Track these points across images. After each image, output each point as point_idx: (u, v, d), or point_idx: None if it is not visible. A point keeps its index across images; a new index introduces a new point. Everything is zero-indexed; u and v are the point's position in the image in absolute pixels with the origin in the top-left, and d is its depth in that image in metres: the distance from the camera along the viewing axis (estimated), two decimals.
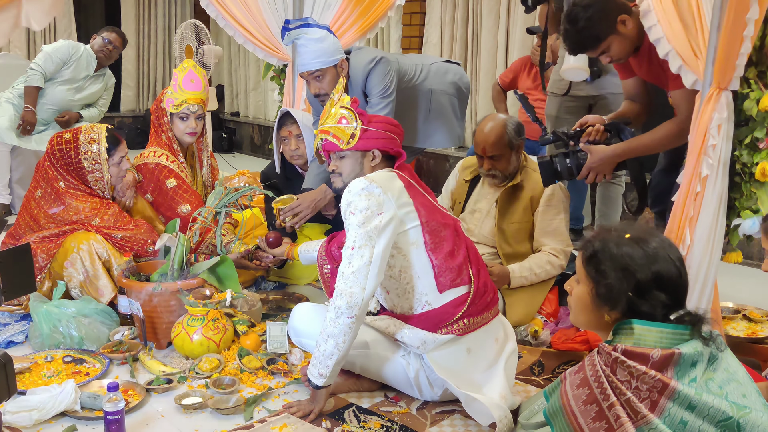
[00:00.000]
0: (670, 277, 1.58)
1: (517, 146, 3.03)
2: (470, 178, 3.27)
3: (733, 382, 1.50)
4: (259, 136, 8.66)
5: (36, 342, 2.70)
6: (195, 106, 3.34)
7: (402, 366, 2.31)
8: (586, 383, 1.56)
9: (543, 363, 2.70)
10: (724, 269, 2.67)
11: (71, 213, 2.96)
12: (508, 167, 3.05)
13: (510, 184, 3.06)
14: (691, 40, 2.36)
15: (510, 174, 3.08)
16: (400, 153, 2.36)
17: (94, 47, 4.92)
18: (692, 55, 2.36)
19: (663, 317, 1.57)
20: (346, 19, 4.05)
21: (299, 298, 3.33)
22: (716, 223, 2.41)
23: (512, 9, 5.57)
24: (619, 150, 2.68)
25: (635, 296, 1.60)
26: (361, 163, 2.35)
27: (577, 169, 2.75)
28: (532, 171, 3.08)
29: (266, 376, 2.52)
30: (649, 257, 1.59)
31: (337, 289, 2.12)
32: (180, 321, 2.66)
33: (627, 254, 1.61)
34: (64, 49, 4.76)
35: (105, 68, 5.07)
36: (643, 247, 1.60)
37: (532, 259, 3.01)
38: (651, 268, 1.58)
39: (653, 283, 1.58)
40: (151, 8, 8.87)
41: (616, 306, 1.63)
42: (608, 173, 2.73)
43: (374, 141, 2.31)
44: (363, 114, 2.33)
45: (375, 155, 2.33)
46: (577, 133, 2.80)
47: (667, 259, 1.59)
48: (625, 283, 1.60)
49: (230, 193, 3.13)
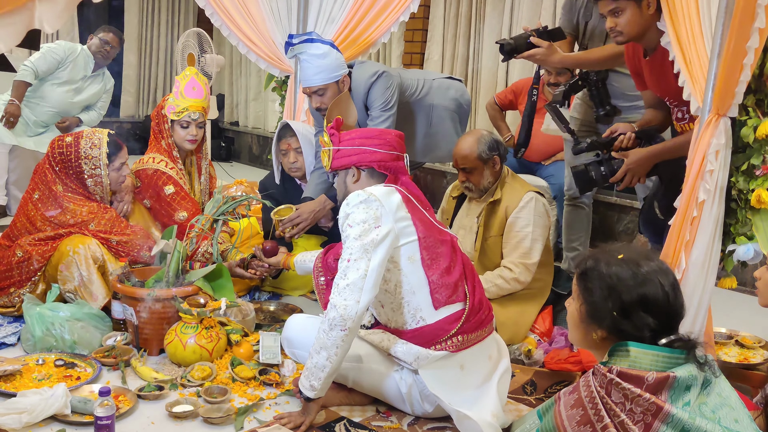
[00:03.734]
0: (656, 301, 1.60)
1: (489, 160, 3.06)
2: (457, 195, 3.31)
3: (726, 407, 1.51)
4: (258, 146, 8.68)
5: (28, 344, 2.69)
6: (196, 114, 3.35)
7: (395, 381, 2.31)
8: (580, 404, 1.56)
9: (536, 382, 2.70)
10: (718, 294, 2.68)
11: (68, 216, 2.96)
12: (482, 181, 3.09)
13: (491, 200, 3.09)
14: (691, 67, 2.38)
15: (484, 188, 3.11)
16: (384, 165, 2.32)
17: (92, 48, 4.93)
18: (691, 82, 2.39)
19: (651, 340, 1.58)
20: (349, 33, 4.08)
21: (293, 309, 3.33)
22: (711, 248, 2.42)
23: (514, 28, 5.61)
24: (657, 150, 2.70)
25: (620, 316, 1.62)
26: (344, 181, 2.39)
27: (611, 173, 2.78)
28: (511, 186, 3.10)
29: (258, 387, 2.52)
30: (637, 279, 1.61)
31: (332, 301, 2.12)
32: (173, 328, 2.66)
33: (615, 274, 1.63)
34: (59, 50, 4.76)
35: (103, 68, 5.06)
36: (633, 269, 1.62)
37: (483, 277, 2.98)
38: (637, 291, 1.60)
39: (638, 305, 1.60)
40: (154, 15, 8.90)
41: (601, 324, 1.65)
42: (643, 176, 2.75)
43: (346, 159, 2.34)
44: (334, 135, 2.37)
45: (354, 172, 2.35)
46: (611, 140, 2.82)
47: (656, 284, 1.60)
48: (610, 302, 1.63)
49: (228, 202, 3.13)
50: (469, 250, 3.13)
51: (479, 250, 3.10)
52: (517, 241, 3.02)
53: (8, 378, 2.40)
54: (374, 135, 2.35)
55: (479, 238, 3.09)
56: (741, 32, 2.20)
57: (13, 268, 2.95)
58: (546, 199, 3.13)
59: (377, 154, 2.31)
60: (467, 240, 3.15)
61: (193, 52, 5.98)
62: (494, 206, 3.09)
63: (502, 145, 3.10)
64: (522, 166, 4.70)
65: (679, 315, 1.63)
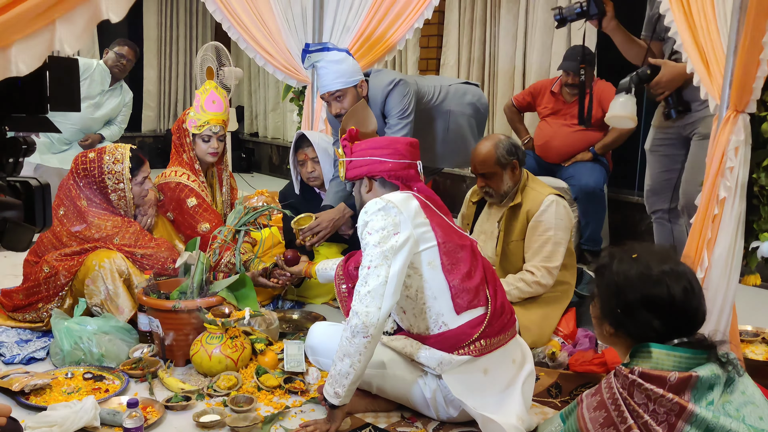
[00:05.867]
0: (661, 303, 1.59)
1: (508, 165, 3.04)
2: (476, 200, 3.30)
3: (750, 404, 1.50)
4: (278, 157, 8.74)
5: (57, 358, 2.74)
6: (217, 127, 3.39)
7: (419, 386, 2.31)
8: (603, 406, 1.56)
9: (560, 385, 2.69)
10: (742, 292, 2.66)
11: (93, 231, 3.01)
12: (501, 186, 3.07)
13: (511, 204, 3.08)
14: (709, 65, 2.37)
15: (504, 193, 3.09)
16: (395, 174, 2.32)
17: (108, 62, 4.98)
18: (708, 78, 2.38)
19: (658, 340, 1.58)
20: (365, 42, 4.10)
21: (316, 317, 3.35)
22: (734, 246, 2.40)
23: (529, 31, 5.61)
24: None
25: (623, 314, 1.64)
26: (359, 191, 2.41)
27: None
28: (531, 189, 3.09)
29: (283, 395, 2.54)
30: (645, 279, 1.61)
31: (353, 309, 2.13)
32: (199, 339, 2.69)
33: (623, 272, 1.65)
34: None
35: (120, 82, 5.12)
36: (643, 269, 1.62)
37: (505, 280, 2.98)
38: (642, 291, 1.60)
39: (642, 305, 1.60)
40: (172, 30, 9.01)
41: (608, 320, 1.67)
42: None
43: (357, 170, 2.36)
44: (347, 146, 2.40)
45: (366, 183, 2.37)
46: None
47: (663, 286, 1.59)
48: (615, 299, 1.65)
49: (249, 213, 3.16)
50: (490, 255, 3.12)
51: (500, 255, 3.08)
52: (539, 245, 3.00)
53: (38, 392, 2.44)
54: (383, 145, 2.36)
55: (500, 243, 3.08)
56: (756, 27, 2.18)
57: (41, 284, 3.00)
58: (566, 201, 3.11)
59: (386, 164, 2.32)
60: (488, 245, 3.14)
61: (211, 65, 6.05)
62: (515, 210, 3.07)
63: (520, 148, 3.09)
64: (541, 168, 4.70)
65: (692, 319, 1.61)
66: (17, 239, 1.24)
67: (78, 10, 1.57)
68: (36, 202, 1.26)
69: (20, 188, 1.26)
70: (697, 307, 1.62)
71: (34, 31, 1.50)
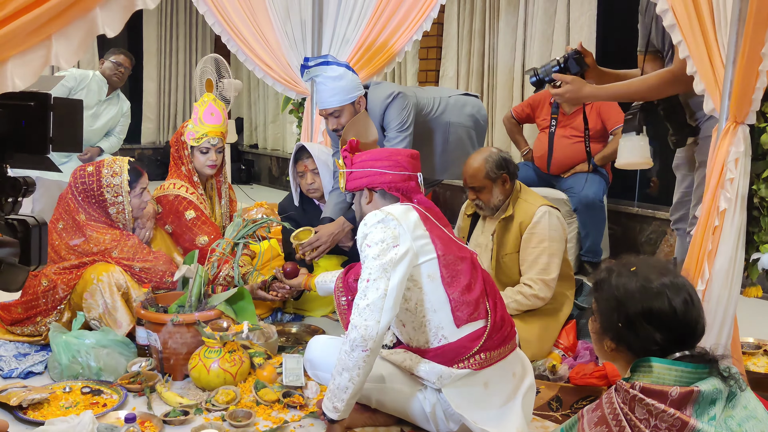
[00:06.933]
0: (662, 315, 1.58)
1: (497, 179, 3.03)
2: (471, 213, 3.30)
3: (753, 419, 1.49)
4: (278, 168, 8.75)
5: (55, 372, 2.72)
6: (215, 139, 3.39)
7: (418, 400, 2.30)
8: (604, 421, 1.54)
9: (561, 398, 2.67)
10: (743, 304, 2.64)
11: (92, 245, 3.00)
12: (491, 199, 3.07)
13: (503, 216, 3.07)
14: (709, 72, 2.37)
15: (495, 206, 3.09)
16: (395, 186, 2.32)
17: (105, 72, 4.98)
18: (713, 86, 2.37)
19: (659, 354, 1.57)
20: (364, 54, 4.11)
21: (315, 330, 3.33)
22: (735, 257, 2.39)
23: (528, 43, 5.63)
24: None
25: (624, 328, 1.62)
26: (359, 203, 2.41)
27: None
28: (523, 201, 3.08)
29: (282, 409, 2.52)
30: (644, 293, 1.60)
31: (352, 322, 2.12)
32: (197, 352, 2.67)
33: (623, 285, 1.63)
34: (69, 78, 4.78)
35: (117, 91, 5.11)
36: (642, 282, 1.61)
37: (503, 293, 2.94)
38: (643, 304, 1.59)
39: (643, 318, 1.59)
40: (172, 42, 9.05)
41: (609, 335, 1.66)
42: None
43: (357, 181, 2.36)
44: (347, 157, 2.39)
45: (366, 194, 2.37)
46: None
47: (664, 298, 1.58)
48: (616, 313, 1.63)
49: (248, 225, 3.16)
50: (485, 268, 3.11)
51: (495, 268, 3.08)
52: (534, 258, 2.99)
53: (36, 406, 2.43)
54: (384, 156, 2.36)
55: (494, 256, 3.08)
56: (755, 39, 2.18)
57: (39, 297, 2.99)
58: (560, 212, 3.10)
59: (387, 176, 2.32)
60: (483, 258, 3.13)
61: (211, 77, 6.05)
62: (507, 223, 3.07)
63: (511, 162, 3.08)
64: (541, 179, 4.70)
65: (692, 331, 1.60)
66: (10, 280, 1.26)
67: (74, 25, 1.57)
68: (32, 241, 1.27)
69: (17, 226, 1.27)
70: (697, 319, 1.61)
71: (30, 46, 1.50)
